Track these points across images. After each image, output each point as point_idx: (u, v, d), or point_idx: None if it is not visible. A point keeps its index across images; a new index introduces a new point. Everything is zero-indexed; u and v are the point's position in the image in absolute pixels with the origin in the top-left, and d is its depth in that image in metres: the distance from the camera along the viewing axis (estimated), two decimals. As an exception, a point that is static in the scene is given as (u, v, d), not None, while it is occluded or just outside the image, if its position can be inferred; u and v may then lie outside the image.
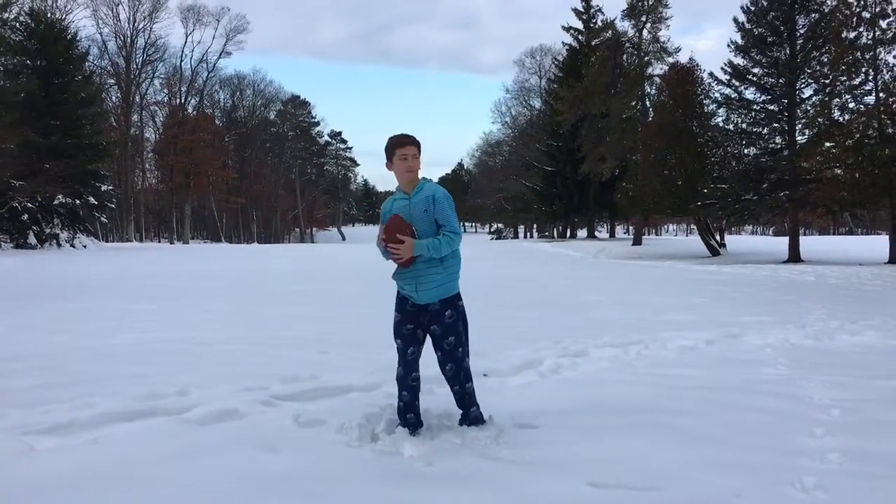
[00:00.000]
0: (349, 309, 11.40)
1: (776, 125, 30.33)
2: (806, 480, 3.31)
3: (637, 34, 42.61)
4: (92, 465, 3.54)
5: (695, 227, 39.96)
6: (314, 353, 6.83)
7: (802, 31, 29.46)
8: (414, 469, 3.56)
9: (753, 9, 30.10)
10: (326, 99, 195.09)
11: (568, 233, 61.76)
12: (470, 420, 4.22)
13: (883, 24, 25.25)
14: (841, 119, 27.18)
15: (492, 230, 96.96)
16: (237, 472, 3.46)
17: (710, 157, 32.70)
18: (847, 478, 3.39)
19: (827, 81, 27.93)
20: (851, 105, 27.28)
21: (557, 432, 4.19)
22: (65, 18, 48.88)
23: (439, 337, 4.10)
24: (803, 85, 29.64)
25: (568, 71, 52.17)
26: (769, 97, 30.56)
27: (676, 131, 32.12)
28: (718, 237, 37.15)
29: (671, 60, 40.46)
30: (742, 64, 30.64)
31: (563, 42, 56.28)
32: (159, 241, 68.54)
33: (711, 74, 32.58)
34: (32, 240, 33.57)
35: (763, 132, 30.99)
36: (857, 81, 26.78)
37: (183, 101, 71.15)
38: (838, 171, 27.20)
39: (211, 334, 8.25)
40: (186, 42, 70.86)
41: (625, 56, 43.30)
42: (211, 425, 4.24)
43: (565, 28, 54.73)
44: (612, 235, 61.72)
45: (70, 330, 8.46)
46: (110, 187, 41.92)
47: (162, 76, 69.82)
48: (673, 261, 29.85)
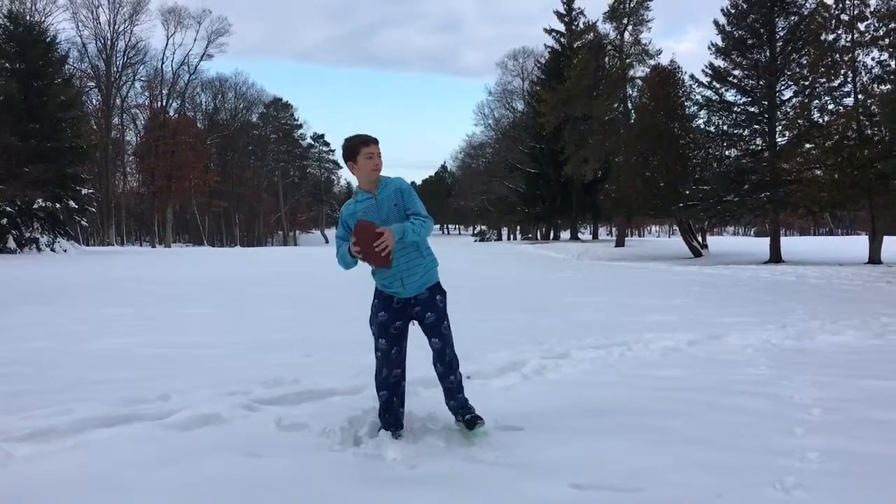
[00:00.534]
0: (332, 312, 11.35)
1: (757, 127, 30.55)
2: (786, 480, 3.33)
3: (619, 37, 42.82)
4: (72, 472, 3.50)
5: (677, 229, 40.16)
6: (297, 357, 6.80)
7: (782, 34, 29.69)
8: (397, 472, 3.55)
9: (733, 11, 30.31)
10: (309, 101, 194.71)
11: (551, 234, 61.98)
12: (467, 408, 4.18)
13: (861, 27, 25.52)
14: (820, 120, 27.46)
15: (475, 232, 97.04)
16: (219, 478, 3.44)
17: (692, 159, 32.94)
18: (827, 477, 3.42)
19: (806, 83, 28.21)
20: (831, 107, 27.60)
21: (541, 434, 4.20)
22: (44, 21, 48.68)
23: (434, 323, 4.10)
24: (783, 87, 29.86)
25: (550, 73, 52.36)
26: (749, 99, 30.78)
27: (658, 133, 32.34)
28: (700, 238, 37.39)
29: (653, 63, 40.73)
30: (723, 66, 30.84)
31: (546, 44, 56.52)
32: (141, 245, 68.14)
33: (692, 77, 32.87)
34: (12, 244, 33.20)
35: (744, 134, 31.20)
36: (836, 83, 27.08)
37: (164, 104, 70.85)
38: (818, 172, 27.48)
39: (193, 338, 8.20)
40: (167, 44, 70.64)
41: (607, 58, 43.47)
42: (192, 430, 4.21)
43: (547, 30, 54.94)
44: (596, 237, 61.94)
45: (50, 335, 8.38)
46: (91, 191, 41.61)
47: (143, 79, 69.59)
48: (655, 262, 30.00)
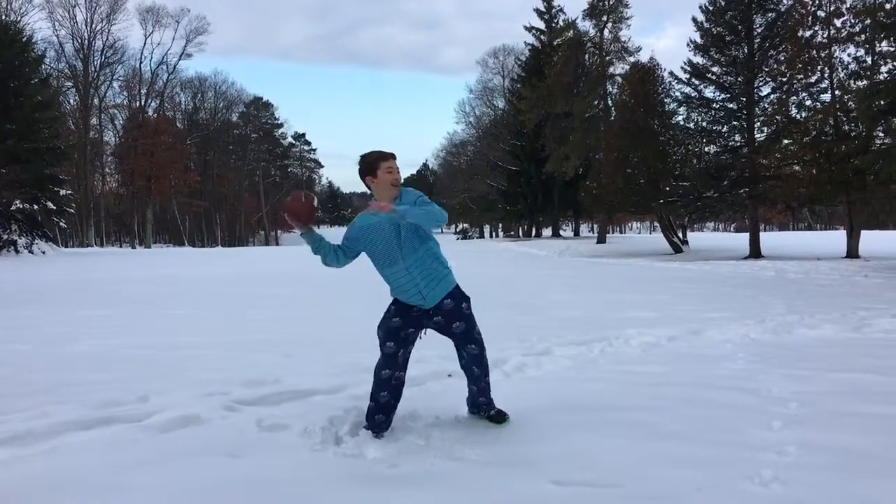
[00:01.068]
0: (314, 311, 11.33)
1: (735, 123, 30.74)
2: (764, 473, 3.36)
3: (598, 34, 42.98)
4: (49, 475, 3.48)
5: (658, 225, 40.38)
6: (278, 357, 6.77)
7: (760, 30, 29.90)
8: (378, 471, 3.55)
9: (712, 8, 30.47)
10: (290, 100, 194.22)
11: (533, 232, 62.09)
12: (492, 405, 4.43)
13: (838, 23, 25.72)
14: (798, 116, 27.67)
15: (457, 230, 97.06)
16: (198, 479, 3.42)
17: (672, 156, 33.08)
18: (804, 470, 3.45)
19: (784, 80, 28.42)
20: (808, 103, 27.84)
21: (522, 431, 4.21)
22: (20, 20, 47.97)
23: (466, 331, 4.17)
24: (761, 83, 30.08)
25: (531, 71, 52.46)
26: (728, 95, 30.96)
27: (638, 130, 32.46)
28: (681, 234, 37.61)
29: (632, 60, 40.85)
30: (701, 63, 31.00)
31: (526, 42, 56.71)
32: (121, 246, 67.56)
33: (672, 73, 33.01)
34: (-11, 246, 32.87)
35: (723, 130, 31.38)
36: (814, 79, 27.29)
37: (143, 104, 70.25)
38: (796, 168, 27.68)
39: (172, 339, 8.14)
40: (146, 44, 69.85)
41: (587, 56, 43.61)
42: (171, 432, 4.19)
43: (527, 28, 55.11)
44: (577, 234, 62.16)
45: (27, 337, 8.29)
46: (69, 192, 41.18)
47: (121, 78, 68.87)
48: (636, 258, 30.15)
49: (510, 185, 56.74)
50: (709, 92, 31.51)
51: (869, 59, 24.89)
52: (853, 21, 24.93)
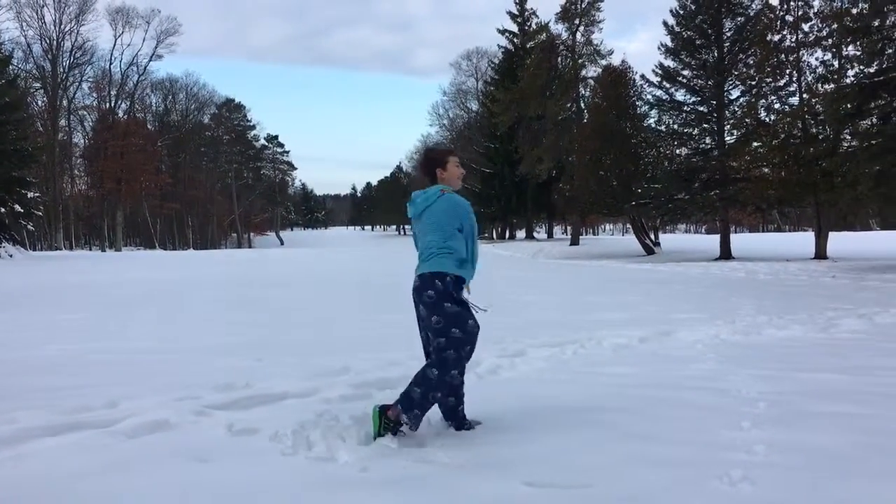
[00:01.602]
0: (285, 315, 11.26)
1: (706, 126, 31.05)
2: (733, 473, 3.39)
3: (571, 37, 43.26)
4: (15, 483, 3.41)
5: (630, 227, 40.67)
6: (250, 361, 6.71)
7: (729, 34, 30.24)
8: (349, 475, 3.53)
9: (682, 12, 30.78)
10: (262, 102, 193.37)
11: (507, 234, 62.26)
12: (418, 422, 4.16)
13: (805, 28, 26.16)
14: (767, 119, 28.08)
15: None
16: (167, 484, 3.38)
17: (644, 158, 33.37)
18: (772, 469, 3.49)
19: (753, 83, 28.80)
20: (777, 106, 28.30)
21: (495, 434, 4.21)
22: (-14, 20, 47.25)
23: (429, 318, 4.16)
24: (731, 86, 30.42)
25: (504, 73, 52.70)
26: (699, 98, 31.27)
27: (610, 132, 32.70)
28: (653, 236, 37.90)
29: (604, 63, 41.26)
30: (672, 66, 31.28)
31: (499, 45, 56.95)
32: (90, 249, 66.64)
33: (643, 76, 33.32)
34: (-45, 250, 32.31)
35: (694, 133, 31.68)
36: (782, 83, 27.74)
37: (113, 105, 69.36)
38: (766, 170, 28.08)
39: (142, 343, 8.05)
40: (115, 45, 69.39)
41: (559, 58, 43.88)
42: (141, 437, 4.13)
43: (501, 31, 55.34)
44: (551, 236, 62.42)
45: (-6, 343, 8.16)
46: (37, 194, 40.59)
47: (90, 80, 68.00)
48: (609, 260, 30.34)
49: (484, 188, 56.88)
50: (680, 95, 31.84)
51: (836, 63, 25.27)
52: (821, 25, 25.36)
